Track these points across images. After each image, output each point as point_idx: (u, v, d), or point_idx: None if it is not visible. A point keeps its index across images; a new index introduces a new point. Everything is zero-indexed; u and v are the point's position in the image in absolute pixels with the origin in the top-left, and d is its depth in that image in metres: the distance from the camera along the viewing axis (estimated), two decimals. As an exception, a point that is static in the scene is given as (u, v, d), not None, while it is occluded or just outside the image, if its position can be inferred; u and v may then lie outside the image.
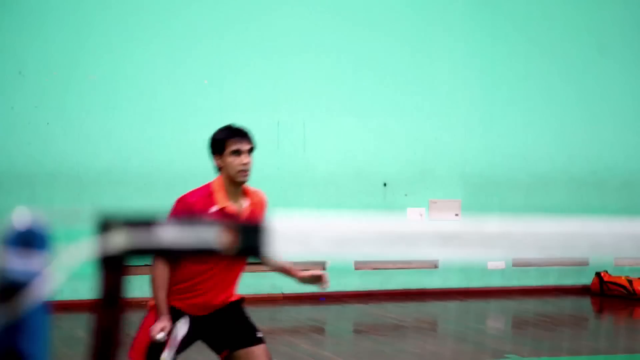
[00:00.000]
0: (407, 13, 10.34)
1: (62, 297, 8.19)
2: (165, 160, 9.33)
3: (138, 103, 9.31)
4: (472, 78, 10.60)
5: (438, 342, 7.92)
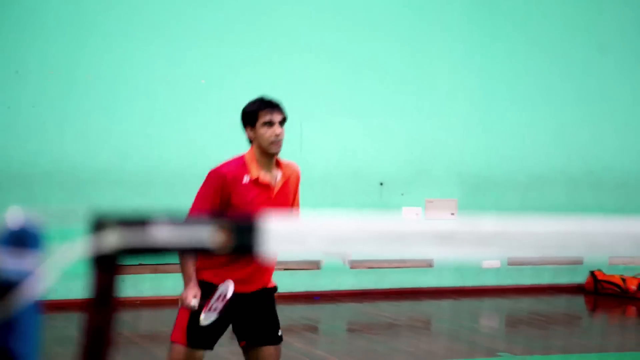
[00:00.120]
0: (405, 13, 10.34)
1: (56, 296, 8.18)
2: (163, 160, 9.32)
3: (136, 103, 9.30)
4: (469, 78, 10.62)
5: (432, 340, 7.92)
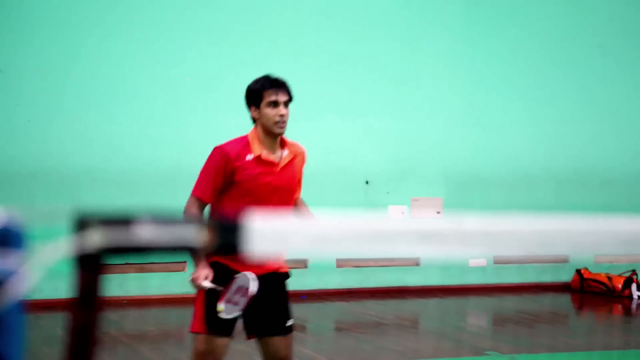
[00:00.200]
0: (392, 9, 10.34)
1: (43, 296, 8.14)
2: (150, 159, 9.29)
3: (123, 101, 9.26)
4: (455, 76, 10.63)
5: (419, 339, 7.94)
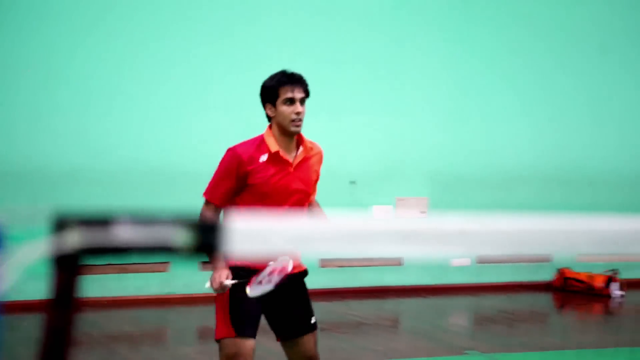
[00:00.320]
0: (379, 9, 10.33)
1: (22, 297, 8.08)
2: (135, 160, 9.24)
3: (108, 101, 9.22)
4: (440, 77, 10.64)
5: (399, 339, 7.95)
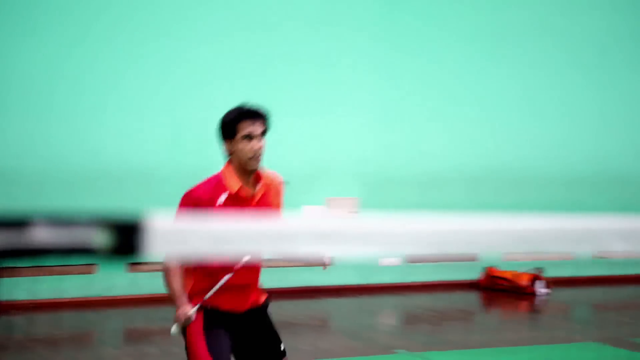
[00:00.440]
0: (306, 9, 10.33)
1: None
2: (59, 160, 9.10)
3: (32, 100, 9.06)
4: (368, 77, 10.70)
5: (330, 338, 7.98)
